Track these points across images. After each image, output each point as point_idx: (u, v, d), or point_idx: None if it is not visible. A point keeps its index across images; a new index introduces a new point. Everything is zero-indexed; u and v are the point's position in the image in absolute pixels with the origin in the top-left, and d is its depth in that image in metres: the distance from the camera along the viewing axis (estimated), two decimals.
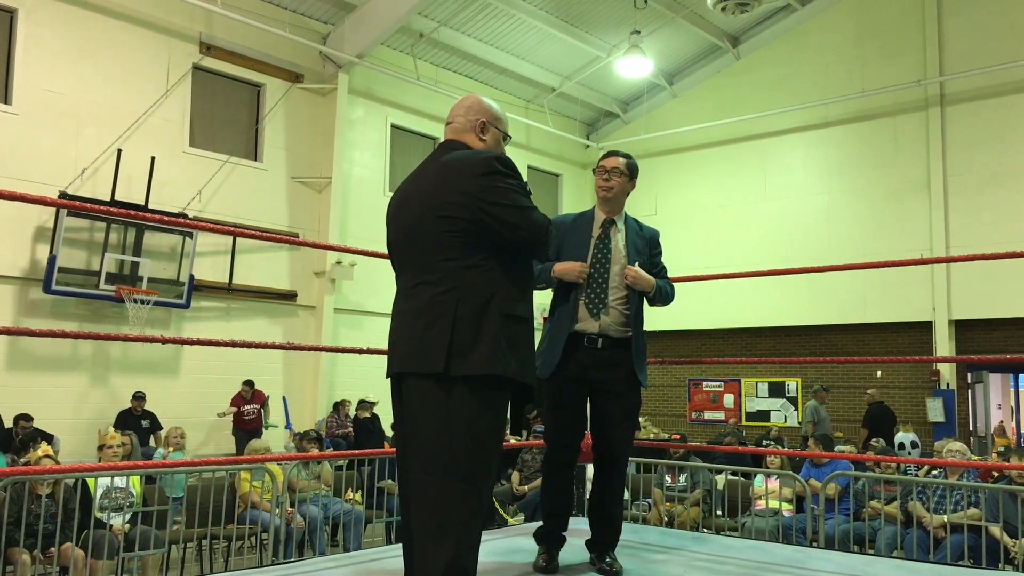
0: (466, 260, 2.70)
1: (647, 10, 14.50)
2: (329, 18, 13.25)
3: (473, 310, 2.66)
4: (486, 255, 2.72)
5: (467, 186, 2.71)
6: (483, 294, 2.69)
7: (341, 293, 13.19)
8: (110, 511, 6.41)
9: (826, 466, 7.56)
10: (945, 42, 14.16)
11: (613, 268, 3.65)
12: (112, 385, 10.92)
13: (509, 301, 2.73)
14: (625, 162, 3.77)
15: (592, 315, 3.61)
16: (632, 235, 3.76)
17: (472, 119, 2.95)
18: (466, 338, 2.64)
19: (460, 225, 2.70)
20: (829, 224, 15.08)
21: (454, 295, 2.67)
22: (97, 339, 3.56)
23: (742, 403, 16.19)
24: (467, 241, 2.71)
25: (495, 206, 2.70)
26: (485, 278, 2.70)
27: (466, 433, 2.62)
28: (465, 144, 2.92)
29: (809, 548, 5.22)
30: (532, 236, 2.76)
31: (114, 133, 10.88)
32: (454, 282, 2.69)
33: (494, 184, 2.73)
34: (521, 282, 2.82)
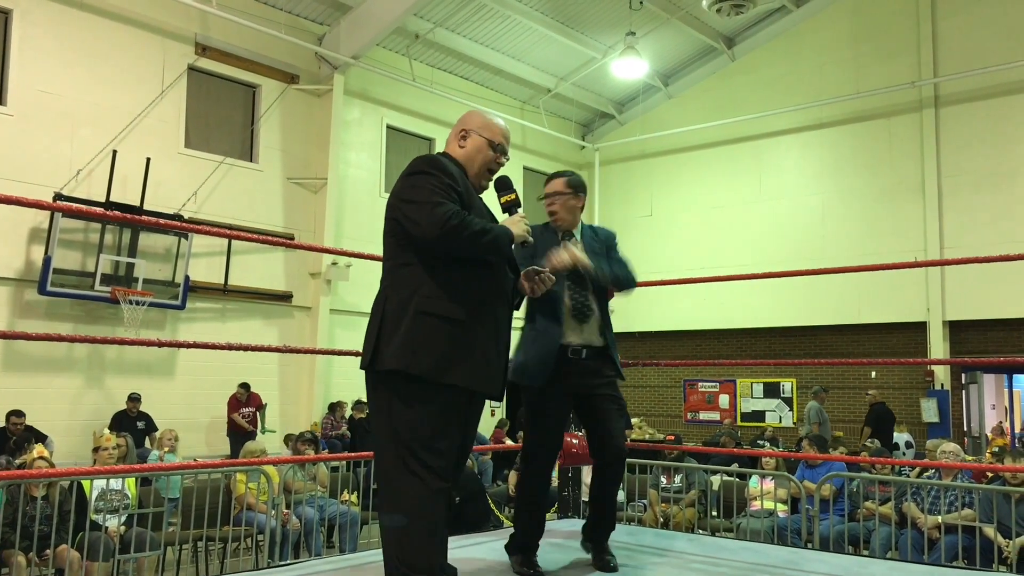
0: (398, 259, 2.83)
1: (642, 11, 14.52)
2: (325, 19, 13.25)
3: (395, 307, 2.77)
4: (412, 253, 2.80)
5: (396, 189, 2.87)
6: (405, 292, 2.78)
7: (336, 294, 13.19)
8: (105, 513, 6.40)
9: (821, 467, 7.59)
10: (939, 44, 14.21)
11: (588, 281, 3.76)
12: (107, 386, 10.91)
13: (430, 299, 2.76)
14: (565, 181, 3.84)
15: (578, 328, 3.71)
16: (588, 242, 3.85)
17: (457, 129, 3.06)
18: (387, 335, 2.75)
19: (390, 226, 2.86)
20: (824, 225, 15.11)
21: (384, 293, 2.83)
22: (92, 342, 3.55)
23: (737, 403, 16.21)
24: (397, 241, 2.84)
25: (402, 203, 2.81)
26: (409, 276, 2.79)
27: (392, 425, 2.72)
28: (446, 152, 3.04)
29: (804, 549, 5.24)
30: (426, 231, 2.71)
31: (109, 134, 10.87)
32: (387, 281, 2.85)
33: (410, 183, 2.82)
34: (448, 280, 2.78)
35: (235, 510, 7.16)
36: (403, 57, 14.30)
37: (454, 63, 15.26)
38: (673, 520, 7.57)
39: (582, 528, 3.97)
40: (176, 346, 3.53)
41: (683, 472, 8.20)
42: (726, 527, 7.70)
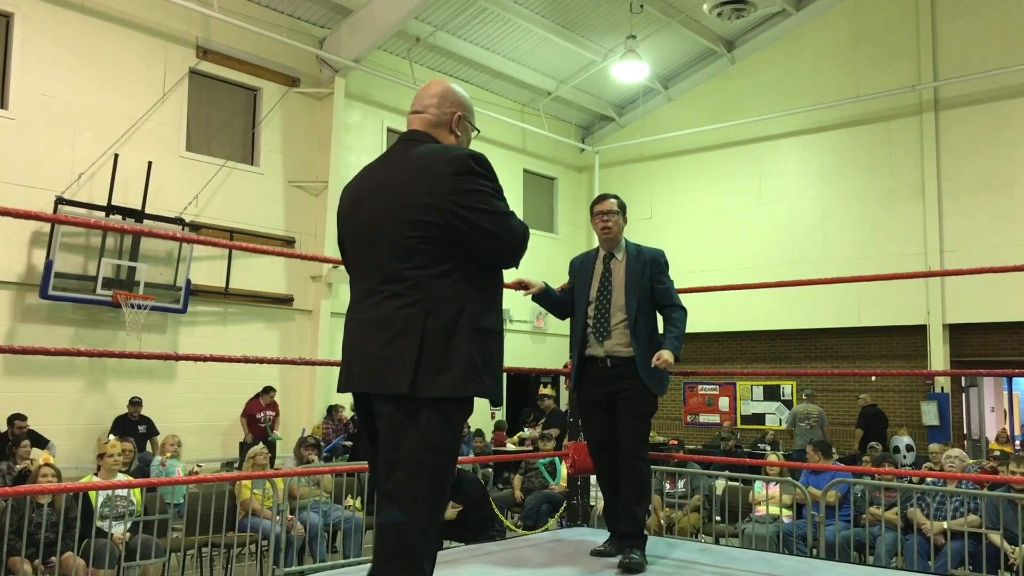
0: (435, 268, 2.44)
1: (643, 15, 14.53)
2: (325, 22, 13.24)
3: (444, 324, 2.42)
4: (456, 263, 2.47)
5: (439, 186, 2.44)
6: (454, 306, 2.44)
7: (338, 297, 13.17)
8: (111, 519, 6.39)
9: (825, 472, 7.59)
10: (939, 47, 14.23)
11: (614, 298, 4.18)
12: (109, 390, 10.88)
13: (480, 314, 2.49)
14: (616, 202, 4.32)
15: (598, 341, 4.16)
16: (632, 263, 4.24)
17: (448, 111, 2.68)
18: (437, 355, 2.41)
19: (431, 230, 2.44)
20: (824, 228, 15.13)
21: (422, 307, 2.42)
22: (91, 355, 3.55)
23: (737, 406, 16.23)
24: (437, 248, 2.45)
25: (471, 211, 2.44)
26: (455, 289, 2.45)
27: (433, 461, 2.44)
28: (434, 139, 2.64)
29: (815, 559, 5.24)
30: (511, 245, 2.52)
31: (111, 137, 10.85)
32: (422, 293, 2.43)
33: (469, 186, 2.45)
34: (491, 292, 2.59)
35: (240, 516, 7.15)
36: (404, 60, 14.30)
37: (455, 66, 15.26)
38: (677, 525, 7.57)
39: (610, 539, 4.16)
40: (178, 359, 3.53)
41: (686, 477, 8.21)
42: (731, 532, 7.70)
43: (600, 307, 4.18)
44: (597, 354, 4.16)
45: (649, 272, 4.22)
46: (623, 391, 4.10)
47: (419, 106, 2.69)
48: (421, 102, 2.69)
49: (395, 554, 2.44)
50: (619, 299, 4.16)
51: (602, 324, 4.15)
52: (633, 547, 3.90)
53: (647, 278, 4.20)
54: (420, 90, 2.76)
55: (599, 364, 4.16)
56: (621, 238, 4.30)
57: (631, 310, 4.13)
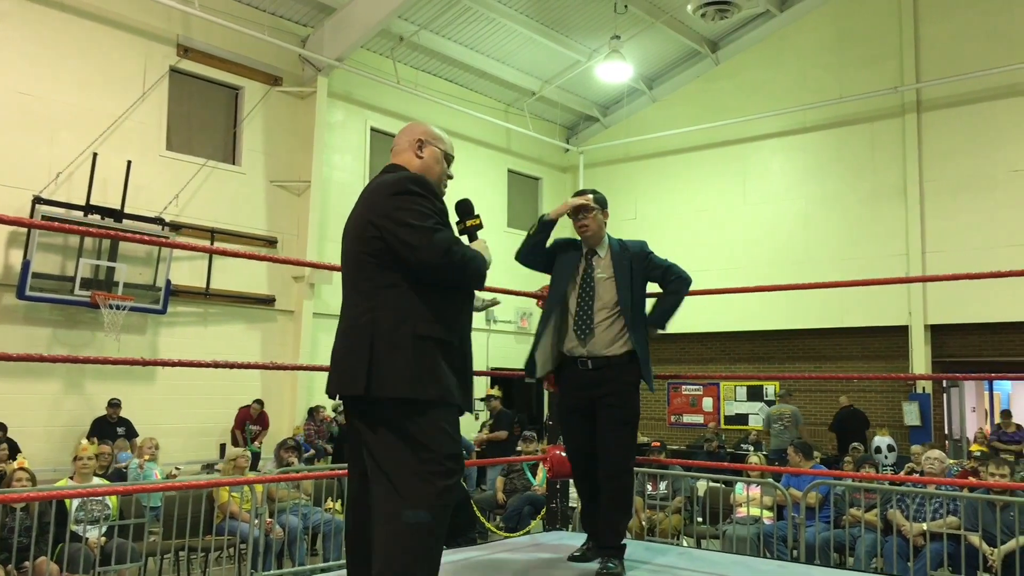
0: (383, 280, 2.72)
1: (627, 15, 14.52)
2: (308, 21, 13.15)
3: (387, 330, 2.68)
4: (401, 275, 2.72)
5: (381, 206, 2.75)
6: (396, 315, 2.70)
7: (320, 298, 13.10)
8: (86, 524, 6.31)
9: (806, 473, 7.59)
10: (922, 49, 14.30)
11: (597, 295, 4.00)
12: (87, 392, 10.77)
13: (424, 323, 2.72)
14: (593, 197, 4.13)
15: (580, 341, 3.97)
16: (616, 258, 4.08)
17: (409, 139, 2.97)
18: (383, 359, 2.66)
19: (375, 246, 2.73)
20: (807, 228, 15.18)
21: (371, 315, 2.71)
22: (67, 362, 3.49)
23: (721, 407, 16.25)
24: (382, 262, 2.73)
25: (396, 225, 2.71)
26: (400, 299, 2.71)
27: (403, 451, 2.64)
28: (401, 165, 2.93)
29: (794, 563, 5.24)
30: (426, 256, 2.69)
31: (90, 136, 10.73)
32: (372, 302, 2.72)
33: (401, 204, 2.73)
34: (439, 303, 2.77)
35: (218, 519, 7.08)
36: (387, 59, 14.23)
37: (439, 66, 15.20)
38: (659, 527, 7.56)
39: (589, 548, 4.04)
40: (158, 364, 3.47)
41: (668, 479, 8.19)
42: (712, 534, 7.69)
43: (583, 305, 3.99)
44: (579, 353, 3.97)
45: (639, 266, 4.08)
46: (605, 396, 3.92)
47: (393, 144, 3.02)
48: (394, 141, 3.03)
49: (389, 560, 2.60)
50: (604, 297, 3.99)
51: (585, 323, 3.96)
52: (612, 556, 3.85)
53: (637, 272, 4.06)
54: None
55: (579, 365, 3.97)
56: (603, 234, 4.13)
57: (624, 307, 3.97)
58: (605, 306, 3.98)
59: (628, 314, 3.97)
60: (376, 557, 2.65)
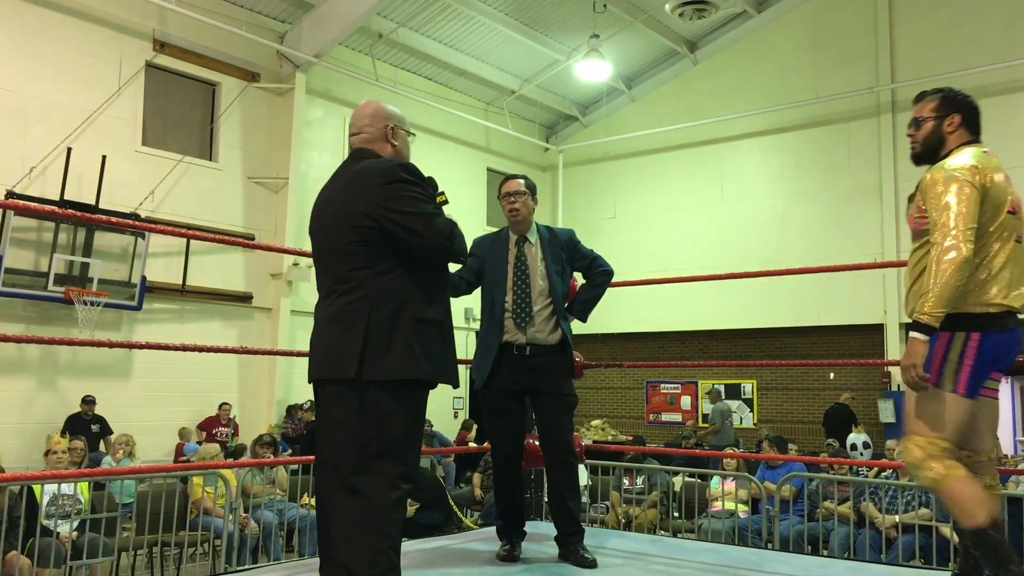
0: (377, 267, 2.78)
1: (606, 14, 14.57)
2: (286, 17, 13.10)
3: (387, 316, 2.74)
4: (396, 261, 2.80)
5: (373, 195, 2.79)
6: (395, 300, 2.77)
7: (298, 295, 13.03)
8: (57, 518, 6.24)
9: (781, 468, 7.65)
10: (897, 50, 14.44)
11: (533, 282, 3.98)
12: (61, 388, 10.67)
13: (420, 306, 2.81)
14: (524, 182, 4.11)
15: (519, 328, 3.93)
16: (546, 245, 4.06)
17: (380, 126, 3.00)
18: (379, 344, 2.72)
19: (368, 234, 2.78)
20: (783, 228, 15.28)
21: (367, 302, 2.75)
22: (42, 343, 3.46)
23: (699, 405, 16.32)
24: (376, 249, 2.78)
25: (399, 213, 2.77)
26: (396, 284, 2.78)
27: (381, 433, 2.70)
28: (375, 152, 2.97)
29: (765, 550, 5.27)
30: (434, 242, 2.82)
31: (64, 131, 10.63)
32: (367, 289, 2.77)
33: (398, 192, 2.80)
34: (432, 286, 2.90)
35: (192, 514, 7.03)
36: (366, 56, 14.19)
37: (418, 63, 15.18)
38: (635, 521, 7.58)
39: (555, 539, 4.02)
40: (129, 347, 3.47)
41: (645, 473, 8.23)
42: (687, 528, 7.73)
43: (519, 293, 3.95)
44: (518, 341, 3.92)
45: (568, 254, 4.08)
46: (546, 382, 3.93)
47: (356, 128, 3.03)
48: (356, 125, 3.03)
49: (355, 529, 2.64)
50: (539, 284, 3.97)
51: (524, 310, 3.93)
52: (579, 544, 3.89)
53: (566, 260, 4.06)
54: (354, 114, 3.07)
55: (517, 352, 3.92)
56: (532, 220, 4.10)
57: (556, 294, 3.97)
58: (541, 293, 3.97)
59: (558, 301, 3.98)
60: (346, 530, 2.67)
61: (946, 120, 3.16)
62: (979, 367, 2.94)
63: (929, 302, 2.87)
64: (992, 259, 2.98)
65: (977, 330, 2.94)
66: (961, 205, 2.89)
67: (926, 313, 2.88)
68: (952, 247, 2.85)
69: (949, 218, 2.89)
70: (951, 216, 2.89)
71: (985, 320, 2.95)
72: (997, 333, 2.96)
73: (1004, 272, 2.98)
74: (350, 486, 2.67)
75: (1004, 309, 2.97)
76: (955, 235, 2.86)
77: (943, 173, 2.98)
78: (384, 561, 2.64)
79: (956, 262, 2.84)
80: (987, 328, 2.95)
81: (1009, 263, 2.99)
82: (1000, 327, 2.97)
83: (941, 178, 2.97)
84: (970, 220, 2.88)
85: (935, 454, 2.89)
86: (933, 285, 2.87)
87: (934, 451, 2.89)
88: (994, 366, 3.00)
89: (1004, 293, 2.97)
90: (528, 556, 4.00)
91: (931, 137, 3.20)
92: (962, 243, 2.85)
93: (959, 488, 2.86)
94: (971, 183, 2.92)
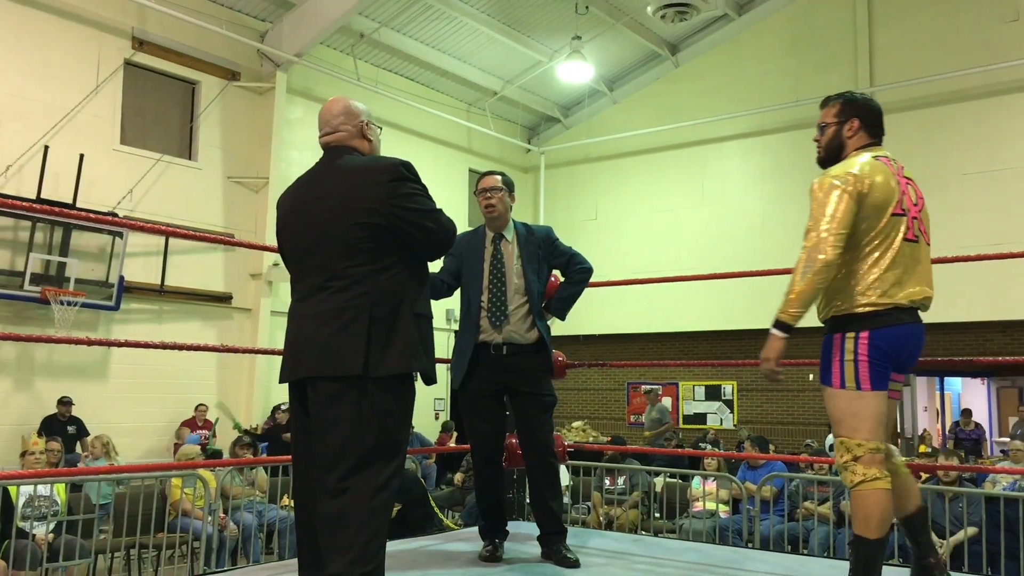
0: (377, 264, 2.78)
1: (588, 16, 14.59)
2: (267, 16, 13.02)
3: (388, 312, 2.76)
4: (396, 259, 2.82)
5: (378, 192, 2.79)
6: (396, 296, 2.79)
7: (278, 295, 12.95)
8: (33, 520, 6.17)
9: (762, 468, 7.69)
10: (875, 55, 14.56)
11: (509, 281, 3.94)
12: (36, 389, 10.53)
13: (419, 301, 2.88)
14: (501, 179, 4.07)
15: (494, 327, 3.90)
16: (523, 243, 4.01)
17: (355, 123, 3.03)
18: (382, 339, 2.73)
19: (374, 231, 2.77)
20: (764, 230, 15.35)
21: (368, 299, 2.75)
22: (16, 340, 3.41)
23: (680, 406, 16.37)
24: (379, 246, 2.78)
25: (409, 211, 2.80)
26: (396, 281, 2.81)
27: (380, 430, 2.70)
28: (356, 149, 3.00)
29: (745, 549, 5.28)
30: (443, 239, 2.91)
31: (40, 129, 10.50)
32: (367, 286, 2.76)
33: (404, 190, 2.82)
34: (424, 281, 2.97)
35: (170, 516, 6.97)
36: (347, 56, 14.13)
37: (399, 64, 15.14)
38: (617, 522, 7.59)
39: (537, 539, 4.02)
40: (106, 344, 3.42)
41: (626, 474, 8.24)
42: (669, 528, 7.75)
43: (495, 291, 3.91)
44: (493, 340, 3.89)
45: (545, 252, 4.03)
46: (524, 383, 3.90)
47: (330, 128, 3.02)
48: (330, 124, 3.02)
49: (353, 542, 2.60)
50: (515, 282, 3.93)
51: (499, 309, 3.89)
52: (562, 544, 3.89)
53: (543, 258, 4.01)
54: (323, 113, 3.06)
55: (494, 352, 3.89)
56: (509, 217, 4.05)
57: (532, 293, 3.92)
58: (517, 291, 3.93)
59: (534, 300, 3.94)
60: (337, 529, 2.64)
61: (846, 124, 3.25)
62: (876, 361, 3.03)
63: (790, 303, 3.03)
64: (878, 260, 3.07)
65: (865, 328, 3.05)
66: (834, 210, 2.99)
67: (784, 312, 3.05)
68: (817, 250, 2.96)
69: (820, 223, 2.99)
70: (822, 221, 2.99)
71: (871, 318, 3.05)
72: (886, 328, 3.05)
73: (890, 272, 3.08)
74: (342, 486, 2.64)
75: (892, 306, 3.07)
76: (823, 239, 2.97)
77: (823, 180, 3.09)
78: (372, 560, 2.62)
79: (819, 265, 2.96)
80: (875, 325, 3.04)
81: (896, 262, 3.09)
82: (891, 322, 3.07)
83: (820, 184, 3.08)
84: (840, 226, 2.97)
85: (861, 457, 2.98)
86: (795, 285, 3.02)
87: (861, 453, 2.98)
88: (893, 360, 3.09)
89: (890, 291, 3.07)
90: (510, 556, 3.99)
91: (833, 142, 3.28)
92: (828, 247, 2.96)
93: (873, 499, 2.95)
94: (845, 190, 3.01)
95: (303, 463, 2.88)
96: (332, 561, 2.62)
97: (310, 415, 2.79)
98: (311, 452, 2.79)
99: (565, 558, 3.80)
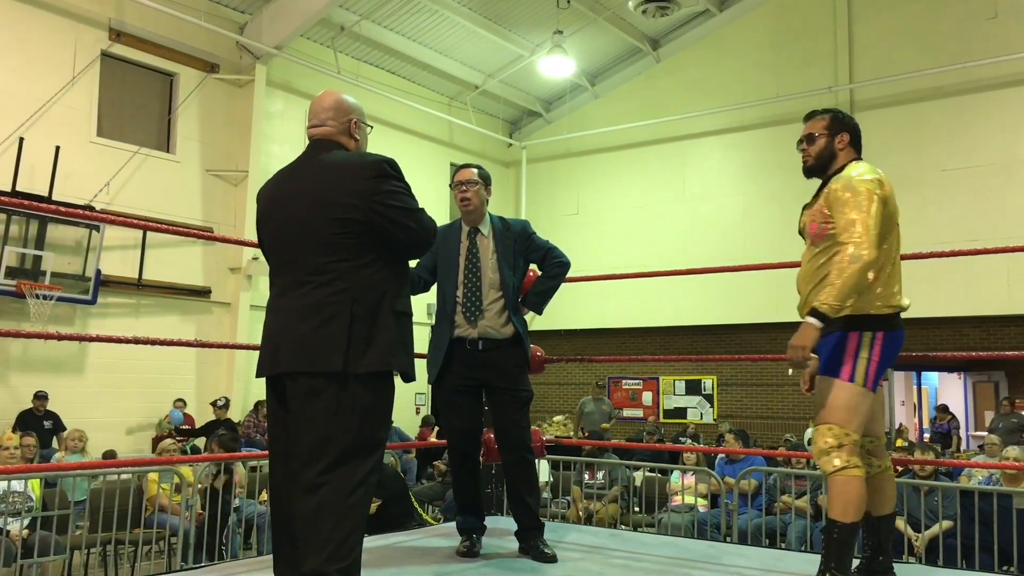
0: (358, 260, 2.76)
1: (569, 10, 14.58)
2: (246, 7, 12.90)
3: (368, 309, 2.74)
4: (376, 255, 2.79)
5: (360, 188, 2.77)
6: (375, 293, 2.77)
7: (257, 290, 12.86)
8: (7, 516, 6.10)
9: (740, 462, 7.72)
10: (855, 51, 14.64)
11: (484, 275, 3.91)
12: (12, 384, 10.42)
13: (399, 299, 2.85)
14: (477, 172, 4.05)
15: (469, 322, 3.87)
16: (499, 237, 3.98)
17: (344, 120, 2.99)
18: (363, 336, 2.71)
19: (354, 227, 2.75)
20: (744, 225, 15.42)
21: (349, 295, 2.73)
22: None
23: (660, 401, 16.44)
24: (359, 242, 2.76)
25: (390, 208, 2.78)
26: (376, 277, 2.79)
27: (359, 426, 2.68)
28: (341, 145, 2.97)
29: (723, 543, 5.31)
30: (424, 238, 2.89)
31: (15, 121, 10.37)
32: (348, 282, 2.74)
33: (386, 187, 2.80)
34: (404, 280, 2.94)
35: (147, 512, 6.91)
36: (328, 49, 14.04)
37: (380, 57, 15.07)
38: (596, 516, 7.61)
39: (515, 534, 4.02)
40: (79, 339, 3.38)
41: (606, 468, 8.26)
42: (648, 522, 7.78)
43: (470, 286, 3.89)
44: (469, 335, 3.87)
45: (521, 246, 4.00)
46: (499, 378, 3.87)
47: (317, 120, 3.00)
48: (318, 117, 3.00)
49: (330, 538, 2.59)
50: (490, 276, 3.90)
51: (474, 304, 3.86)
52: (539, 539, 3.90)
53: (519, 252, 3.98)
54: (313, 104, 3.03)
55: (468, 347, 3.87)
56: (485, 211, 4.02)
57: (507, 287, 3.89)
58: (492, 285, 3.90)
59: (510, 294, 3.92)
60: (314, 525, 2.63)
61: (837, 138, 3.44)
62: (882, 363, 3.23)
63: (830, 294, 3.09)
64: (886, 264, 3.26)
65: (881, 329, 3.23)
66: (869, 213, 3.14)
67: (825, 303, 3.09)
68: (860, 249, 3.09)
69: (857, 223, 3.13)
70: (859, 221, 3.13)
71: (885, 320, 3.24)
72: (893, 331, 3.26)
73: (894, 277, 3.30)
74: (319, 481, 2.63)
75: (896, 309, 3.28)
76: (863, 239, 3.10)
77: (853, 183, 3.22)
78: (348, 556, 2.61)
79: (861, 263, 3.08)
80: (887, 327, 3.24)
81: (897, 267, 3.34)
82: (896, 325, 3.29)
83: (852, 187, 3.21)
84: (876, 225, 3.14)
85: (845, 445, 3.12)
86: (836, 279, 3.09)
87: (845, 442, 3.13)
88: (890, 362, 3.27)
89: (895, 295, 3.28)
90: (488, 551, 3.99)
91: (824, 152, 3.45)
92: (870, 247, 3.10)
93: (853, 485, 3.10)
94: (877, 193, 3.20)
95: (280, 458, 2.85)
96: (308, 557, 2.60)
97: (288, 410, 2.78)
98: (289, 447, 2.77)
99: (542, 553, 3.80)
